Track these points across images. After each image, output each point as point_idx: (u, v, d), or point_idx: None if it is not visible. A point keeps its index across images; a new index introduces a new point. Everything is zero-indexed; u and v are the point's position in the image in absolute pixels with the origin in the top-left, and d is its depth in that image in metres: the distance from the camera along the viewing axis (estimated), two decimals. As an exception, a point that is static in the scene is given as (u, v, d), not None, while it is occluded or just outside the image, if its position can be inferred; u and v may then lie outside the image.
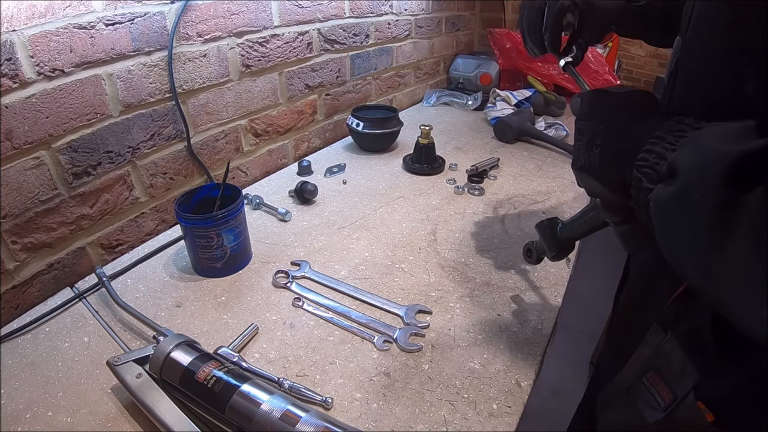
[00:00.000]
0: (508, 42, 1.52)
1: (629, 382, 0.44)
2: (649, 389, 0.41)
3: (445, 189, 0.99)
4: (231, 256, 0.69)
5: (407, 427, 0.48)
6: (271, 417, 0.42)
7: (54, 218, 0.66)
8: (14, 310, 0.63)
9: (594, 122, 0.40)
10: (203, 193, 0.73)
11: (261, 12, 0.91)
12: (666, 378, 0.40)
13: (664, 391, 0.39)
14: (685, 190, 0.29)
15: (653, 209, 0.32)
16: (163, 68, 0.76)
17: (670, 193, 0.30)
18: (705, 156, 0.28)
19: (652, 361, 0.42)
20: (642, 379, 0.42)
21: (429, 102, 1.60)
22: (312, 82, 1.11)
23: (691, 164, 0.29)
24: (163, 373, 0.48)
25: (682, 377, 0.38)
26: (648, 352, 0.43)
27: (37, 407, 0.49)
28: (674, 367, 0.39)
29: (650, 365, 0.42)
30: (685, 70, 0.42)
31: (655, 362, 0.41)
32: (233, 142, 0.95)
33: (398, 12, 1.35)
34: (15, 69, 0.57)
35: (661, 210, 0.32)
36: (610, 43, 2.53)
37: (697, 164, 0.28)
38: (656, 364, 0.41)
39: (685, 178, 0.29)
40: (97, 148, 0.70)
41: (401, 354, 0.57)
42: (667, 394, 0.39)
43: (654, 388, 0.40)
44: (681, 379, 0.38)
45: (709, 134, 0.30)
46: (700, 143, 0.30)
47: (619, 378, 0.47)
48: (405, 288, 0.69)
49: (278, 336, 0.59)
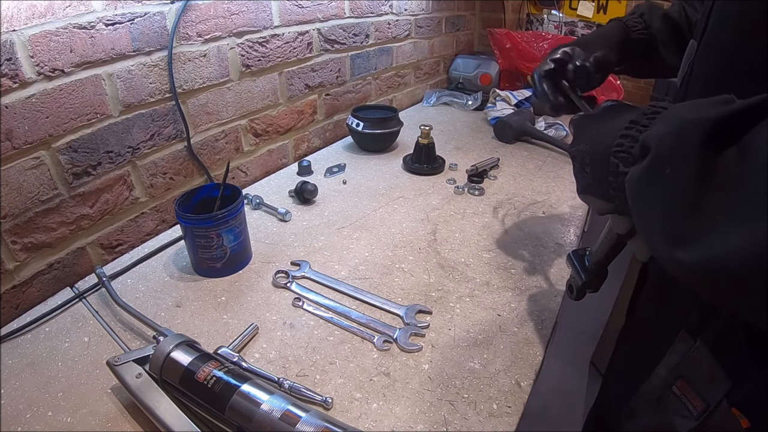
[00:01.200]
0: (508, 42, 1.52)
1: (658, 392, 0.44)
2: (679, 398, 0.40)
3: (445, 189, 0.99)
4: (231, 256, 0.69)
5: (407, 427, 0.48)
6: (271, 417, 0.42)
7: (54, 218, 0.66)
8: (14, 310, 0.63)
9: (581, 145, 0.41)
10: (203, 193, 0.73)
11: (261, 12, 0.91)
12: (696, 386, 0.39)
13: (695, 399, 0.38)
14: (658, 160, 0.28)
15: (627, 189, 0.32)
16: (163, 68, 0.76)
17: (642, 167, 0.30)
18: (679, 125, 0.28)
19: (681, 369, 0.41)
20: (672, 388, 0.41)
21: (429, 102, 1.60)
22: (312, 82, 1.11)
23: (664, 136, 0.29)
24: (163, 373, 0.48)
25: (713, 384, 0.37)
26: (676, 360, 0.42)
27: (37, 407, 0.49)
28: (704, 374, 0.38)
29: (679, 373, 0.41)
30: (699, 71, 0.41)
31: (684, 370, 0.41)
32: (233, 142, 0.95)
33: (398, 12, 1.35)
34: (15, 69, 0.57)
35: (634, 185, 0.31)
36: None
37: (671, 135, 0.28)
38: (685, 371, 0.40)
39: (657, 150, 0.28)
40: (97, 148, 0.70)
41: (401, 354, 0.57)
42: (699, 402, 0.38)
43: (685, 396, 0.40)
44: (712, 386, 0.37)
45: (683, 107, 0.30)
46: (674, 116, 0.29)
47: (646, 387, 0.46)
48: (405, 288, 0.69)
49: (278, 336, 0.59)
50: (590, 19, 1.74)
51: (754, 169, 0.23)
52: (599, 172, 0.38)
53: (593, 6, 1.71)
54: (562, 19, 1.77)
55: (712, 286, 0.26)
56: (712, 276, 0.24)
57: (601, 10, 1.72)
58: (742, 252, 0.22)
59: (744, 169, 0.23)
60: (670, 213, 0.27)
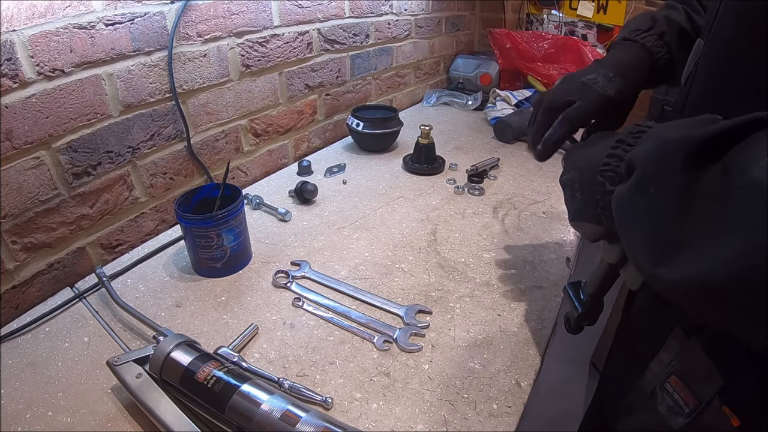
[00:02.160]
0: (508, 42, 1.52)
1: (652, 387, 0.44)
2: (671, 394, 0.40)
3: (445, 189, 0.99)
4: (231, 256, 0.69)
5: (407, 427, 0.48)
6: (271, 417, 0.42)
7: (54, 218, 0.66)
8: (14, 310, 0.63)
9: (570, 172, 0.42)
10: (203, 193, 0.73)
11: (261, 12, 0.91)
12: (689, 383, 0.39)
13: (688, 396, 0.39)
14: (642, 179, 0.29)
15: (613, 206, 0.32)
16: (163, 68, 0.76)
17: (628, 185, 0.30)
18: (663, 145, 0.28)
19: (675, 365, 0.41)
20: (665, 384, 0.41)
21: (429, 102, 1.60)
22: (312, 82, 1.11)
23: (649, 155, 0.29)
24: (163, 373, 0.48)
25: (706, 382, 0.37)
26: (670, 356, 0.42)
27: (37, 407, 0.49)
28: (698, 371, 0.38)
29: (673, 370, 0.41)
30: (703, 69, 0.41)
31: (677, 367, 0.41)
32: (233, 142, 0.95)
33: (398, 12, 1.35)
34: (15, 69, 0.57)
35: (619, 204, 0.32)
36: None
37: (654, 154, 0.29)
38: (679, 368, 0.41)
39: (642, 169, 0.29)
40: (97, 148, 0.70)
41: (401, 354, 0.57)
42: (691, 399, 0.38)
43: (677, 393, 0.40)
44: (705, 384, 0.37)
45: (667, 126, 0.30)
46: (659, 135, 0.30)
47: (641, 383, 0.46)
48: (405, 288, 0.69)
49: (278, 336, 0.59)
50: (590, 19, 1.74)
51: (735, 187, 0.23)
52: (588, 193, 0.38)
53: (593, 6, 1.71)
54: (562, 19, 1.77)
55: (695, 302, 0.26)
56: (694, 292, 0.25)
57: (601, 10, 1.72)
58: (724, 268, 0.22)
59: (726, 187, 0.24)
60: (654, 231, 0.28)
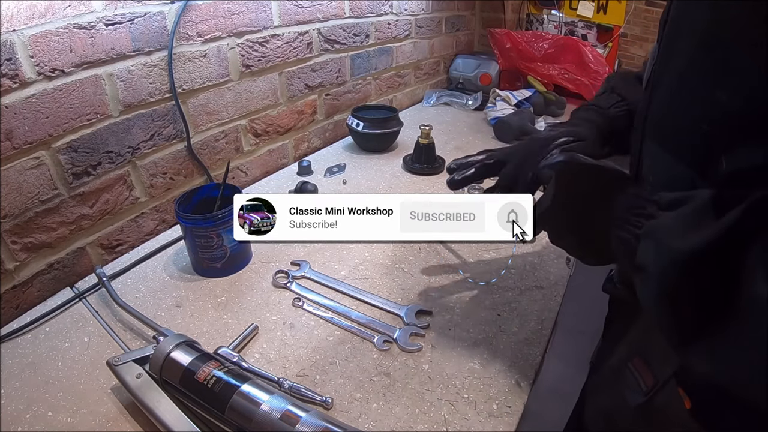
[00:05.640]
0: (508, 42, 1.52)
1: (617, 367, 0.45)
2: (633, 373, 0.41)
3: (446, 189, 0.99)
4: (231, 256, 0.69)
5: (407, 427, 0.48)
6: (271, 417, 0.42)
7: (54, 218, 0.66)
8: (14, 310, 0.63)
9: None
10: (203, 193, 0.73)
11: (261, 12, 0.91)
12: (650, 362, 0.40)
13: (647, 375, 0.40)
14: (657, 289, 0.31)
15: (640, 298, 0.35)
16: (163, 68, 0.76)
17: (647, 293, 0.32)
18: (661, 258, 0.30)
19: (639, 345, 0.42)
20: (628, 364, 0.42)
21: (429, 102, 1.60)
22: (312, 82, 1.11)
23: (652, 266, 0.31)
24: (163, 373, 0.48)
25: (665, 362, 0.38)
26: (637, 337, 0.43)
27: (37, 407, 0.49)
28: (659, 351, 0.39)
29: (636, 349, 0.42)
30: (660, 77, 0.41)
31: (641, 347, 0.42)
32: (233, 142, 0.95)
33: (398, 12, 1.35)
34: (15, 69, 0.57)
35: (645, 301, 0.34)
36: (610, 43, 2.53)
37: (657, 267, 0.31)
38: (642, 348, 0.41)
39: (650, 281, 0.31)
40: (97, 148, 0.70)
41: (401, 354, 0.57)
42: (650, 378, 0.39)
43: (638, 372, 0.41)
44: (664, 364, 0.38)
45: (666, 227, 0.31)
46: (657, 239, 0.32)
47: (609, 363, 0.47)
48: (405, 288, 0.69)
49: (278, 336, 0.59)
50: (590, 19, 1.74)
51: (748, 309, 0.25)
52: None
53: (593, 6, 1.71)
54: (562, 19, 1.77)
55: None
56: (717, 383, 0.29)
57: (601, 10, 1.72)
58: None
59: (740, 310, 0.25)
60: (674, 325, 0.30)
